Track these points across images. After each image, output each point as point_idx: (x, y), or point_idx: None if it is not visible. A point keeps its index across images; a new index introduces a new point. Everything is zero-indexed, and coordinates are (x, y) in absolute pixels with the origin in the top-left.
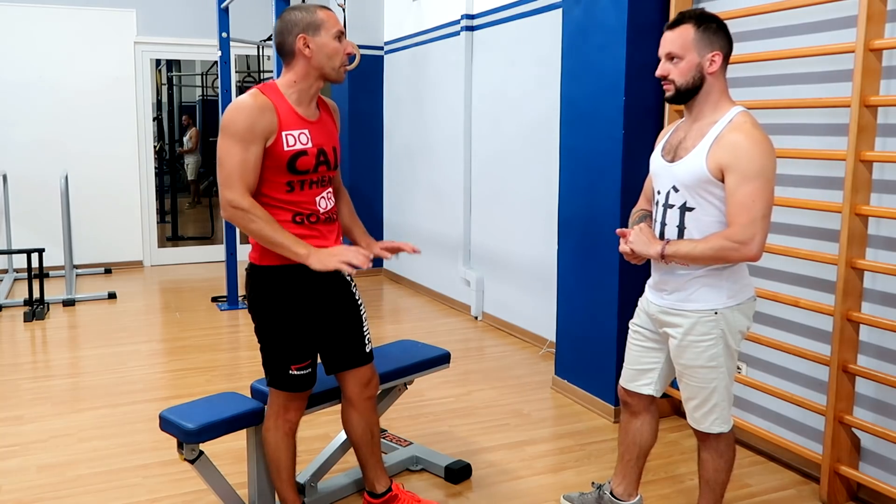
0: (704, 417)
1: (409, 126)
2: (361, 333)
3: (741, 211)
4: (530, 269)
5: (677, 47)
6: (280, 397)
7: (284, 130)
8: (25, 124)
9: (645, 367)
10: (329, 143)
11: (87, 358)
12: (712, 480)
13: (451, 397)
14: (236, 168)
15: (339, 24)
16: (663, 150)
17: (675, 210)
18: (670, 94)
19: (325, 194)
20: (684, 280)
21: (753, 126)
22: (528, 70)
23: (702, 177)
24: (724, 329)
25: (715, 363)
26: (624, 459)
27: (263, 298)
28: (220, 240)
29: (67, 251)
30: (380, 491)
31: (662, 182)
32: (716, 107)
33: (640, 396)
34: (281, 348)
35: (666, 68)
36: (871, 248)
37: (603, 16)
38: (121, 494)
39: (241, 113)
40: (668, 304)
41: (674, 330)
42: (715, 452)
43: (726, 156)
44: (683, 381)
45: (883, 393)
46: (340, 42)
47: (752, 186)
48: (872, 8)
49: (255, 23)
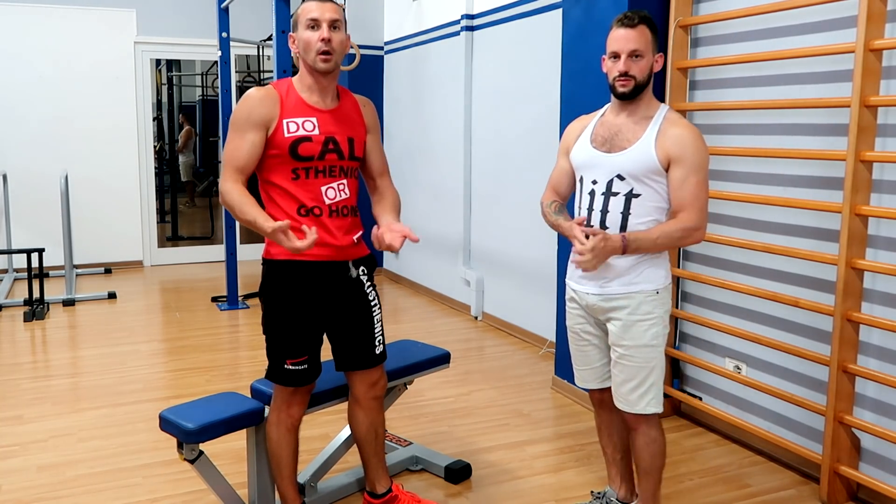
0: (641, 398)
1: (409, 126)
2: (372, 335)
3: (693, 199)
4: (530, 269)
5: (641, 45)
6: (282, 392)
7: (286, 118)
8: (25, 124)
9: (603, 362)
10: (343, 133)
11: (87, 358)
12: (650, 467)
13: (451, 397)
14: (228, 154)
15: (313, 11)
16: (593, 142)
17: (619, 197)
18: (628, 90)
19: (336, 185)
20: (628, 265)
21: (687, 121)
22: (528, 70)
23: (651, 167)
24: (664, 308)
25: (656, 342)
26: (615, 460)
27: (269, 290)
28: (220, 240)
29: (67, 251)
30: (380, 491)
31: (599, 172)
32: (649, 104)
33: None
34: (279, 341)
35: (629, 64)
36: (871, 248)
37: (603, 16)
38: (121, 494)
39: (242, 103)
40: (611, 290)
41: (618, 313)
42: (648, 438)
43: (674, 147)
44: (621, 364)
45: (883, 393)
46: (314, 30)
47: (699, 177)
48: (872, 8)
49: (255, 23)
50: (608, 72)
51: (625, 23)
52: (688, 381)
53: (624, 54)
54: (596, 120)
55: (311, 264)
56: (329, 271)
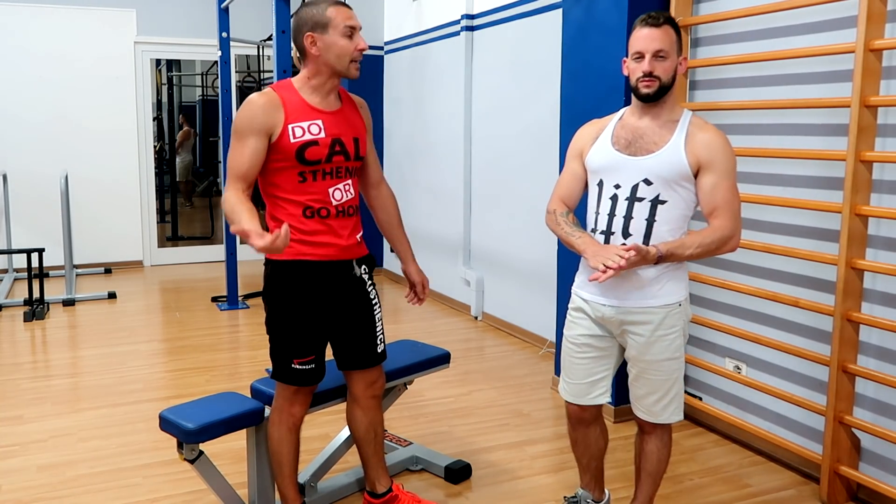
0: (665, 409)
1: (409, 126)
2: (374, 334)
3: (726, 206)
4: (530, 269)
5: (667, 45)
6: (286, 391)
7: (291, 123)
8: (25, 124)
9: (597, 377)
10: (349, 133)
11: (87, 358)
12: (655, 471)
13: (451, 397)
14: (230, 163)
15: (351, 18)
16: (615, 144)
17: (645, 203)
18: (652, 91)
19: (342, 186)
20: (650, 277)
21: (714, 126)
22: (528, 70)
23: (682, 171)
24: (685, 319)
25: (678, 354)
26: (590, 467)
27: (273, 290)
28: (220, 240)
29: (67, 251)
30: (380, 491)
31: (623, 175)
32: (673, 107)
33: (593, 408)
34: (286, 341)
35: (654, 65)
36: (871, 248)
37: (603, 16)
38: (121, 494)
39: (244, 109)
40: (630, 303)
41: (640, 328)
42: (661, 443)
43: (705, 152)
44: (645, 378)
45: (883, 393)
46: (352, 39)
47: (730, 182)
48: (872, 8)
49: (255, 23)
50: (631, 73)
51: (649, 22)
52: (688, 381)
53: (648, 54)
54: (615, 122)
55: (318, 264)
56: (335, 271)
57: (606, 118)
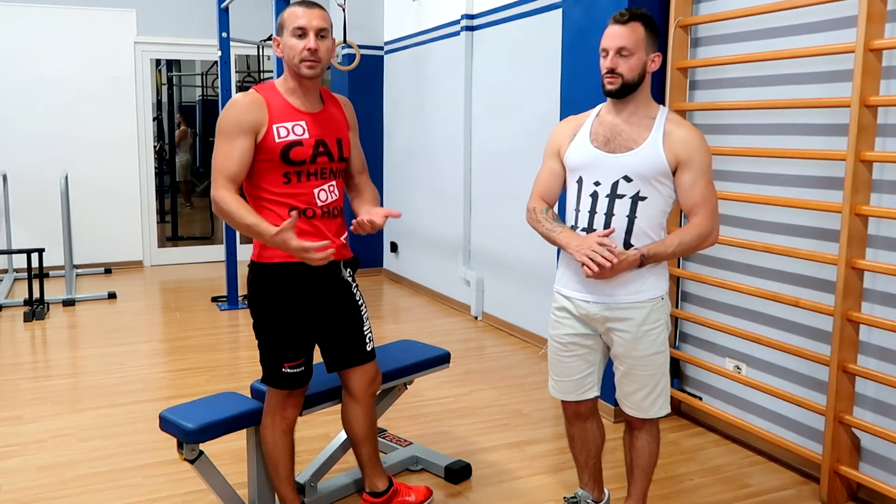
0: (653, 404)
1: (409, 126)
2: (362, 333)
3: (705, 203)
4: (530, 269)
5: (630, 43)
6: (277, 395)
7: (275, 123)
8: (25, 124)
9: (586, 374)
10: (332, 134)
11: (87, 358)
12: (647, 466)
13: (451, 397)
14: (217, 162)
15: (301, 18)
16: (594, 141)
17: (625, 200)
18: (615, 88)
19: (327, 187)
20: (633, 273)
21: (689, 123)
22: (528, 70)
23: (661, 168)
24: (667, 312)
25: (664, 347)
26: (589, 465)
27: (260, 295)
28: (220, 240)
29: (67, 251)
30: (382, 488)
31: (603, 172)
32: (648, 104)
33: (587, 402)
34: (275, 345)
35: (616, 62)
36: (871, 248)
37: (603, 16)
38: (121, 494)
39: (228, 110)
40: (615, 300)
41: (625, 324)
42: (651, 437)
43: (683, 150)
44: (633, 375)
45: (883, 393)
46: (301, 39)
47: (707, 179)
48: (872, 8)
49: (255, 23)
50: (601, 68)
51: (617, 19)
52: (688, 381)
53: (611, 51)
54: (592, 119)
55: (305, 266)
56: (322, 273)
57: (583, 115)
